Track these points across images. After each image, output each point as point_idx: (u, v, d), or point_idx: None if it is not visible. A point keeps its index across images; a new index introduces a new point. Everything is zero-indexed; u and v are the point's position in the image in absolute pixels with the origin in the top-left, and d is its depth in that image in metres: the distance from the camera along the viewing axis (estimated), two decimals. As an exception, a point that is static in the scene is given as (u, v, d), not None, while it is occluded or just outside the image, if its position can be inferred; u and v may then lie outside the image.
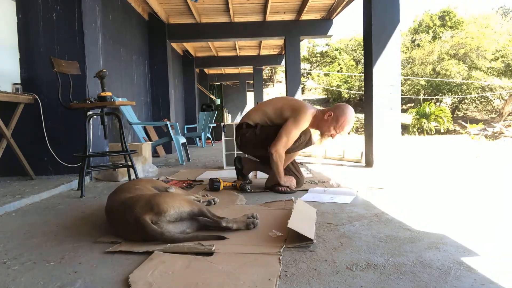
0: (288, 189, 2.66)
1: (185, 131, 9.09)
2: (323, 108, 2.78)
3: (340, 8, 6.97)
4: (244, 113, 2.80)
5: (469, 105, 20.62)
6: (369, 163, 4.00)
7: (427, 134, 15.99)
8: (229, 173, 3.66)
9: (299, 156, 5.01)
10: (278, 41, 9.95)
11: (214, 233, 1.59)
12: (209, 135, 9.28)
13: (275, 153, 2.57)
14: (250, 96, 17.58)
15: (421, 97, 18.93)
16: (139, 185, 1.90)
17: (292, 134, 2.59)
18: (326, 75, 22.57)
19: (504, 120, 16.08)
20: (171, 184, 2.94)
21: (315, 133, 2.84)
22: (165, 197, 1.64)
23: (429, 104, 17.04)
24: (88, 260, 1.39)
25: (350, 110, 2.63)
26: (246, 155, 3.24)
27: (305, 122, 2.63)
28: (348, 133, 2.80)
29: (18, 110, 3.21)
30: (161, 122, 5.58)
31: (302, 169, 3.71)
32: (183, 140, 5.28)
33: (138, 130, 5.39)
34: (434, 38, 20.85)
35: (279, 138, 2.58)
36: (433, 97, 19.08)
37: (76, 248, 1.53)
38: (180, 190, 2.20)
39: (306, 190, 2.67)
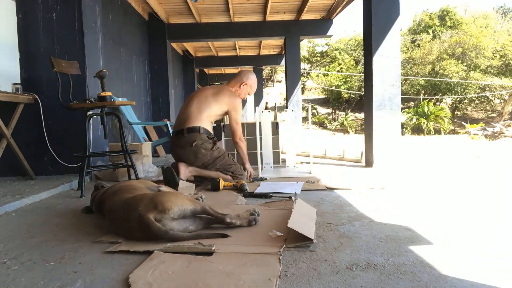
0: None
1: (185, 131, 9.07)
2: (234, 82, 3.27)
3: (340, 8, 6.97)
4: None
5: (469, 105, 20.60)
6: (369, 163, 4.00)
7: (427, 134, 15.96)
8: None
9: (298, 156, 5.01)
10: (278, 41, 9.95)
11: (216, 230, 1.62)
12: (209, 135, 9.25)
13: (241, 141, 3.09)
14: (250, 96, 17.55)
15: (421, 97, 18.91)
16: (132, 184, 1.92)
17: (239, 120, 3.11)
18: (326, 75, 22.55)
19: (504, 120, 16.08)
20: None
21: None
22: (169, 195, 1.65)
23: (427, 103, 17.01)
24: (88, 260, 1.39)
25: (252, 73, 3.30)
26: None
27: (240, 104, 3.15)
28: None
29: (18, 110, 3.20)
30: (161, 122, 5.58)
31: (303, 169, 3.74)
32: (183, 140, 5.27)
33: (138, 130, 5.39)
34: (434, 37, 20.83)
35: (236, 129, 3.08)
36: (433, 97, 19.07)
37: (76, 248, 1.53)
38: (170, 189, 2.20)
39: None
